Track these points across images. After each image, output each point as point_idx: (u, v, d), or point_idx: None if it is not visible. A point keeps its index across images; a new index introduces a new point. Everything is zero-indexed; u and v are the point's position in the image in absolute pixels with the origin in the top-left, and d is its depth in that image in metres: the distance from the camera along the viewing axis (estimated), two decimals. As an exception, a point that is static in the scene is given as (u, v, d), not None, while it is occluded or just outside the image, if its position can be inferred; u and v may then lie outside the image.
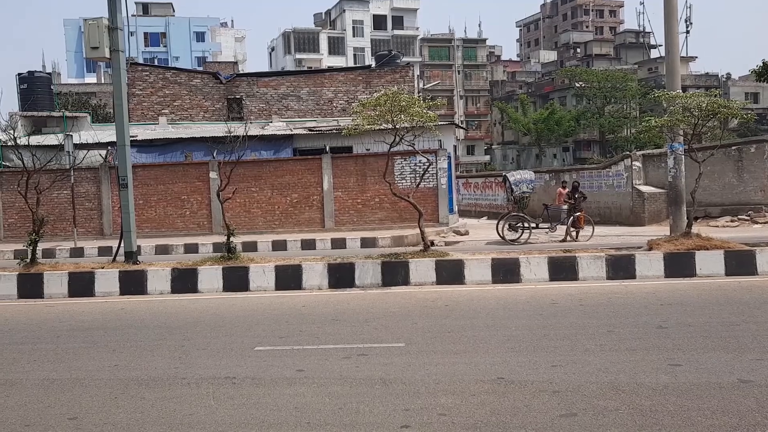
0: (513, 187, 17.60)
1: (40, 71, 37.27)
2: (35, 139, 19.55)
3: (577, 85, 65.59)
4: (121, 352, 7.32)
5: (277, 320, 8.82)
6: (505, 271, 11.23)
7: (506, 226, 17.35)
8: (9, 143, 16.60)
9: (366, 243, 19.14)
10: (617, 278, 10.95)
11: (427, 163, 16.61)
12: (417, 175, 21.39)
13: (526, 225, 17.12)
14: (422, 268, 11.28)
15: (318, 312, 9.32)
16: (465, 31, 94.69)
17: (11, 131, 13.65)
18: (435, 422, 4.86)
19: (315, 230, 22.22)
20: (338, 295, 10.71)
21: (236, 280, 11.52)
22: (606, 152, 62.29)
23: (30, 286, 11.71)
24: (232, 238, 12.60)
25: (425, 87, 57.48)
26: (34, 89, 31.02)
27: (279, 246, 19.37)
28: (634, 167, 22.20)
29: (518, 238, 17.04)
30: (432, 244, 13.15)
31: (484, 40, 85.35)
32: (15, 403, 5.62)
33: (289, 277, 11.45)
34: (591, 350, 6.63)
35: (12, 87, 38.58)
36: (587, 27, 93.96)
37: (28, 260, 12.37)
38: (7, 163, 25.41)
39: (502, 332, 7.57)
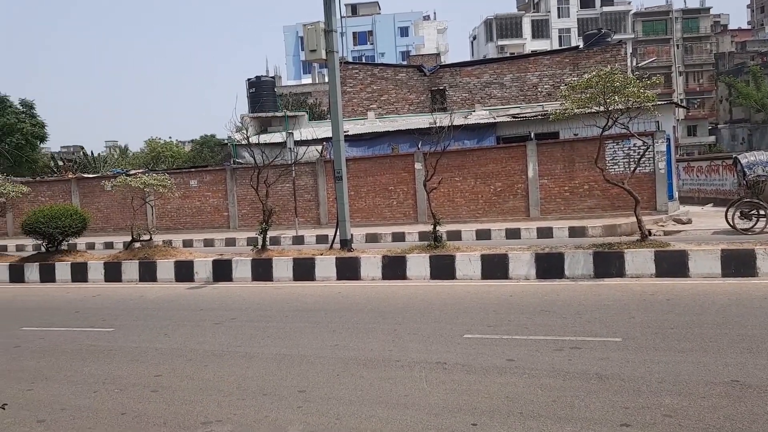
0: (745, 170, 15.72)
1: (265, 75, 41.13)
2: (262, 138, 21.64)
3: (825, 50, 56.56)
4: (340, 332, 7.83)
5: (485, 309, 8.82)
6: (738, 264, 10.08)
7: (737, 213, 15.55)
8: (242, 142, 18.56)
9: (574, 232, 18.39)
10: None
11: (644, 147, 15.46)
12: (631, 159, 20.07)
13: (761, 212, 15.21)
14: (639, 259, 10.55)
15: (526, 302, 9.16)
16: (684, 1, 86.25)
17: (244, 131, 15.18)
18: (659, 423, 4.52)
19: (519, 219, 21.86)
20: (546, 285, 10.42)
21: (443, 268, 11.74)
22: None
23: (261, 270, 13.02)
24: (437, 227, 12.85)
25: (639, 65, 53.55)
26: (261, 92, 34.31)
27: (483, 235, 19.37)
28: None
29: (752, 227, 15.20)
30: (649, 233, 12.24)
31: (708, 9, 77.19)
32: (254, 374, 6.28)
33: (495, 266, 11.40)
34: None
35: (243, 91, 43.15)
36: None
37: (259, 247, 13.77)
38: (240, 160, 28.48)
39: (735, 331, 6.81)
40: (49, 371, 6.84)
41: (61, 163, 58.03)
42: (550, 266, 11.05)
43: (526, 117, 25.99)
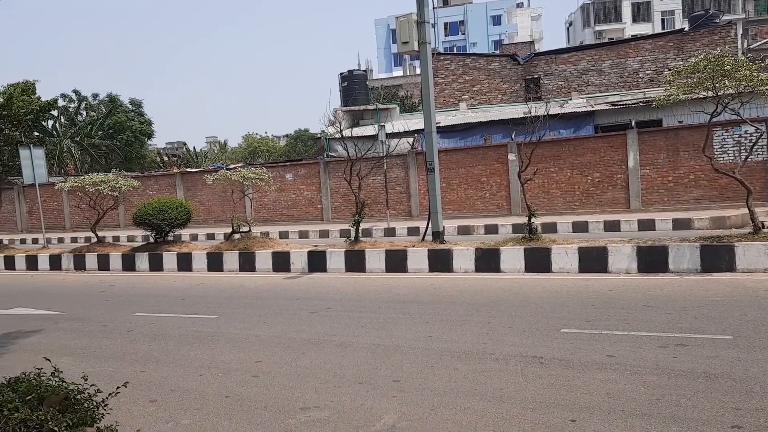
0: None
1: (357, 69, 41.69)
2: (355, 131, 21.94)
3: None
4: (433, 324, 7.83)
5: (583, 303, 8.56)
6: None
7: None
8: (335, 136, 18.89)
9: (679, 224, 17.50)
10: None
11: (756, 134, 14.47)
12: (742, 147, 18.85)
13: None
14: (752, 253, 9.90)
15: (627, 296, 8.81)
16: (802, -24, 79.73)
17: (337, 125, 15.43)
18: (776, 428, 4.23)
19: (618, 211, 21.05)
20: (649, 279, 9.98)
21: (538, 261, 11.49)
22: None
23: (354, 262, 13.23)
24: (532, 219, 12.59)
25: (751, 47, 50.06)
26: (353, 86, 34.83)
27: (579, 227, 18.79)
28: None
29: None
30: (763, 225, 11.44)
31: (830, -17, 71.05)
32: (349, 362, 6.39)
33: (593, 259, 11.03)
34: None
35: (336, 85, 43.89)
36: None
37: (352, 238, 13.99)
38: (332, 154, 29.02)
39: None
40: (159, 354, 7.25)
41: (166, 158, 61.38)
42: (652, 260, 10.57)
43: (626, 104, 24.97)
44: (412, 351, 6.65)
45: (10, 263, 18.54)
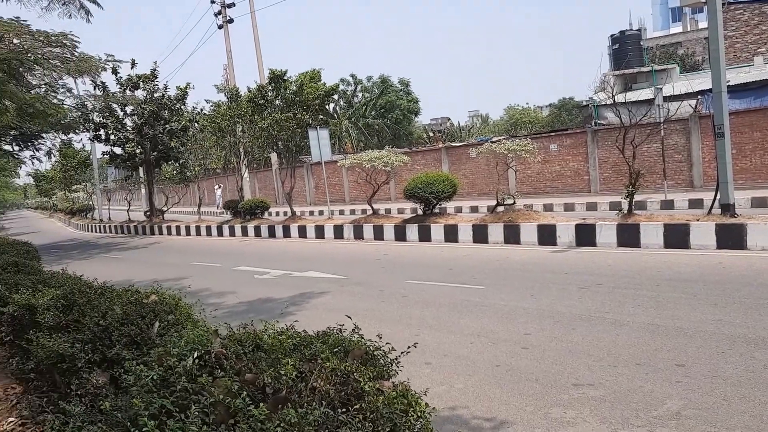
0: None
1: (629, 29, 38.65)
2: (627, 96, 20.42)
3: None
4: (723, 307, 6.99)
5: None
6: None
7: None
8: (606, 102, 17.80)
9: None
10: None
11: None
12: None
13: None
14: None
15: None
16: None
17: (609, 90, 14.51)
18: None
19: None
20: None
21: None
22: None
23: (627, 236, 12.40)
24: None
25: None
26: (625, 48, 32.44)
27: None
28: None
29: None
30: None
31: None
32: (624, 341, 6.01)
33: None
34: None
35: (605, 49, 41.34)
36: None
37: (624, 211, 13.11)
38: (601, 121, 27.47)
39: None
40: (431, 320, 7.61)
41: (431, 134, 64.15)
42: None
43: None
44: (698, 334, 6.01)
45: (302, 232, 21.13)
